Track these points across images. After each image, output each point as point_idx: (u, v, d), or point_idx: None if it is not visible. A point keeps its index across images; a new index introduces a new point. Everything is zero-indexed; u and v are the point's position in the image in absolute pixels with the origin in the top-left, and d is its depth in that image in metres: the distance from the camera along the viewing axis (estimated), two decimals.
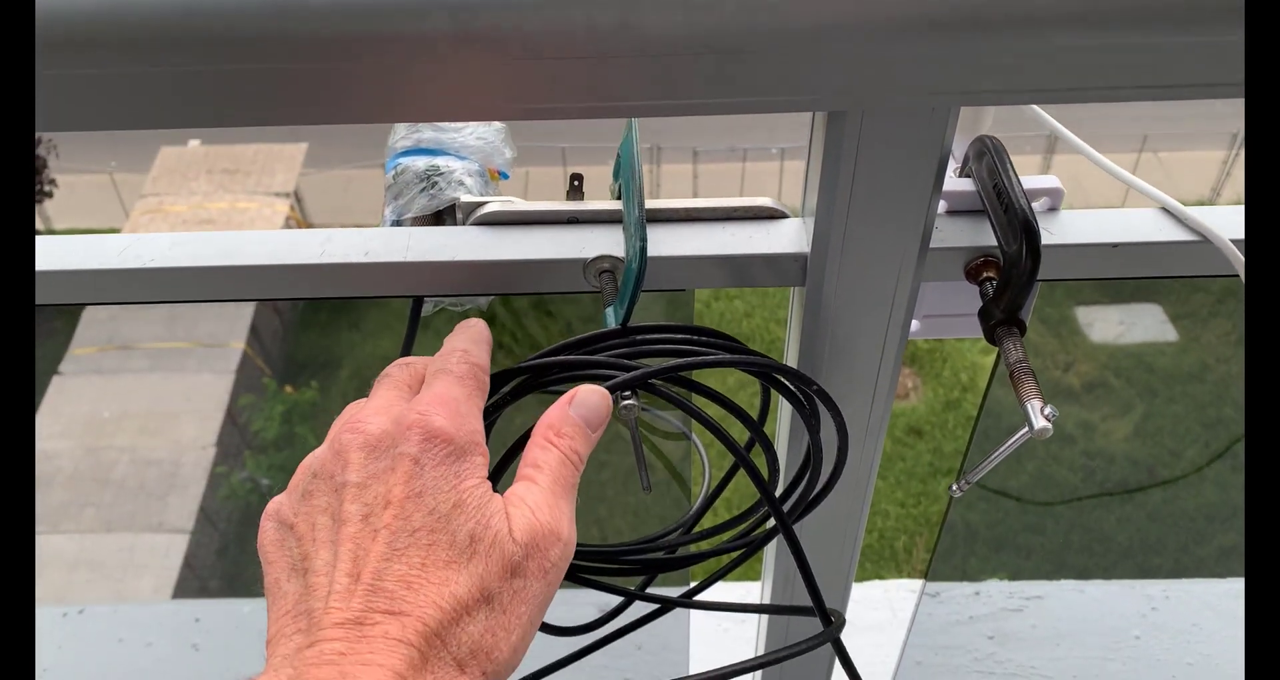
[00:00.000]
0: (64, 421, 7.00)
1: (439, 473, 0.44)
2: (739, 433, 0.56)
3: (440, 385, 0.47)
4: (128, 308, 7.60)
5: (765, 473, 0.56)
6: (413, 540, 0.42)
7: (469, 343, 0.51)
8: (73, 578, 6.01)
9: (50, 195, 8.75)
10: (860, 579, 0.88)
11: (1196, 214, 0.56)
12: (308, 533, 0.45)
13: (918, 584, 1.26)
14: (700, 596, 0.69)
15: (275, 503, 0.47)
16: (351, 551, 0.42)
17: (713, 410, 0.55)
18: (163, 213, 8.27)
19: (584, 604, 1.11)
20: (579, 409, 0.48)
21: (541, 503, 0.45)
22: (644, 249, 0.51)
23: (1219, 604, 1.19)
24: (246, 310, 7.62)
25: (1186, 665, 1.15)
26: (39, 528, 6.16)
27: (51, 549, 6.16)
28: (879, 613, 1.20)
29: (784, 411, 0.66)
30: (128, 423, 7.02)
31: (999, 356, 0.65)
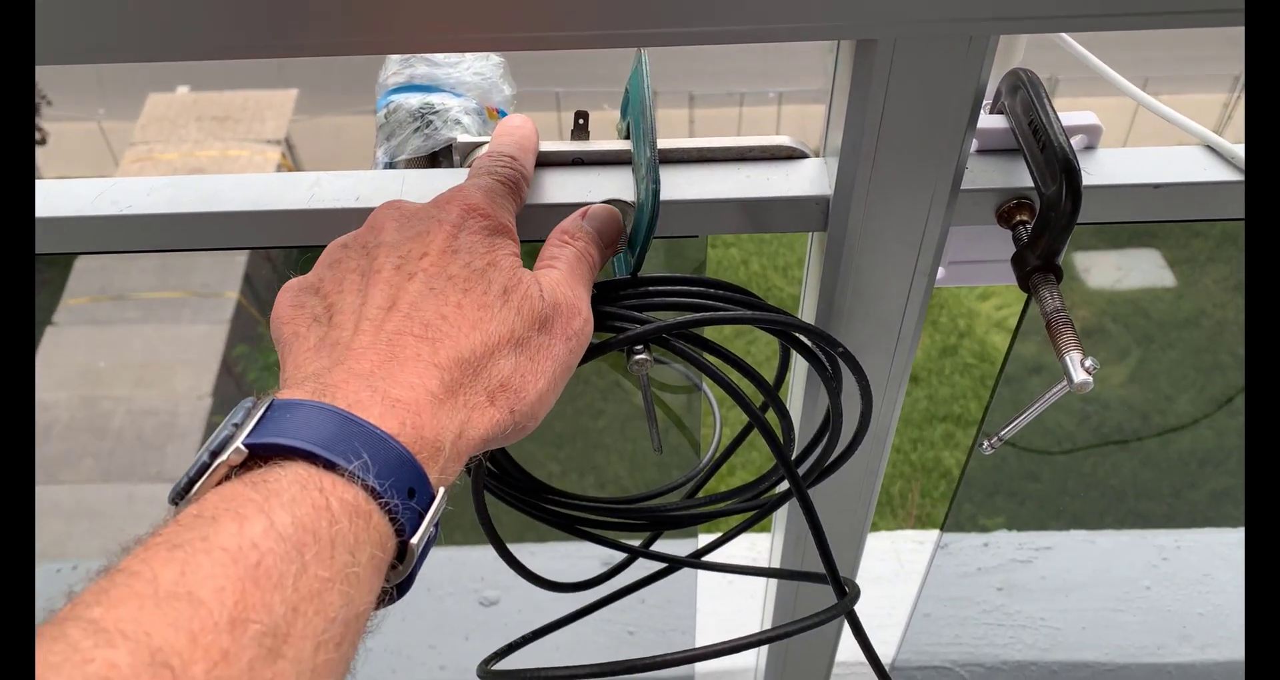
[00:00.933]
0: (59, 372, 6.97)
1: (475, 239, 0.44)
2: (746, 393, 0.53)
3: (481, 178, 0.48)
4: (119, 257, 7.53)
5: (780, 435, 0.53)
6: (450, 284, 0.42)
7: (516, 149, 0.51)
8: (72, 528, 6.02)
9: (43, 142, 8.63)
10: None
11: (1244, 152, 0.53)
12: (333, 288, 0.43)
13: (924, 534, 1.25)
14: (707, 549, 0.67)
15: (292, 280, 0.46)
16: (384, 290, 0.42)
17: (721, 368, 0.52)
18: (153, 161, 8.15)
19: (588, 557, 1.09)
20: (592, 221, 0.49)
21: (562, 282, 0.46)
22: (657, 192, 0.47)
23: (1231, 554, 1.17)
24: (239, 259, 7.56)
25: (1197, 615, 1.14)
26: (37, 477, 6.16)
27: (50, 499, 6.17)
28: (886, 564, 1.18)
29: (798, 369, 0.63)
30: (123, 373, 6.99)
31: (1026, 307, 0.61)
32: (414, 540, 0.37)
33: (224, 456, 0.35)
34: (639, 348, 0.48)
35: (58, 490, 6.26)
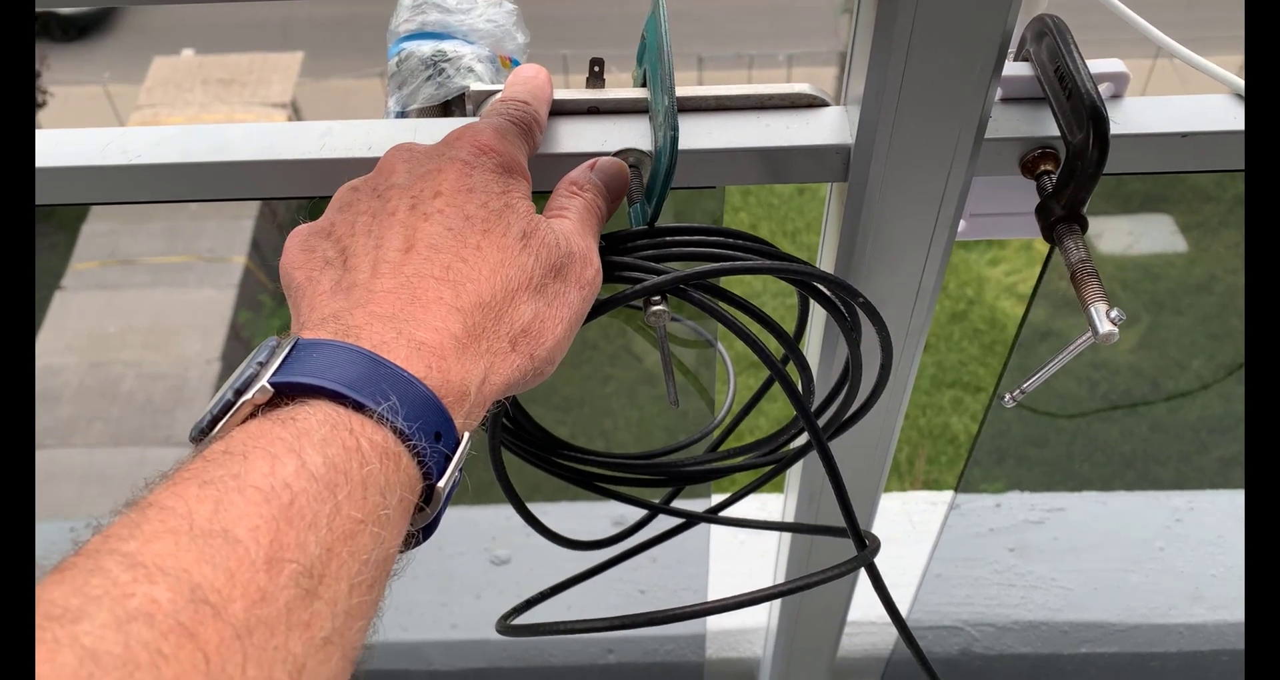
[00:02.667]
0: (68, 336, 6.99)
1: (489, 178, 0.43)
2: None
3: (495, 119, 0.47)
4: (127, 221, 7.52)
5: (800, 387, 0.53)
6: (467, 224, 0.41)
7: (529, 96, 0.50)
8: (83, 491, 6.07)
9: (44, 105, 8.58)
10: None
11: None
12: (345, 231, 0.43)
13: (936, 496, 1.24)
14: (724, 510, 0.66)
15: (300, 226, 0.45)
16: (401, 231, 0.41)
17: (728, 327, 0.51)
18: (159, 124, 8.11)
19: (600, 517, 1.09)
20: (601, 174, 0.49)
21: (574, 231, 0.45)
22: (675, 138, 0.46)
23: (1244, 515, 1.17)
24: (246, 223, 7.54)
25: (1210, 577, 1.14)
26: (48, 441, 6.20)
27: (61, 463, 6.21)
28: (898, 525, 1.18)
29: (816, 321, 0.62)
30: (132, 337, 7.00)
31: (1047, 260, 0.60)
32: (440, 484, 0.36)
33: (249, 395, 0.34)
34: (656, 299, 0.47)
35: (69, 454, 6.30)
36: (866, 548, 0.54)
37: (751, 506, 1.17)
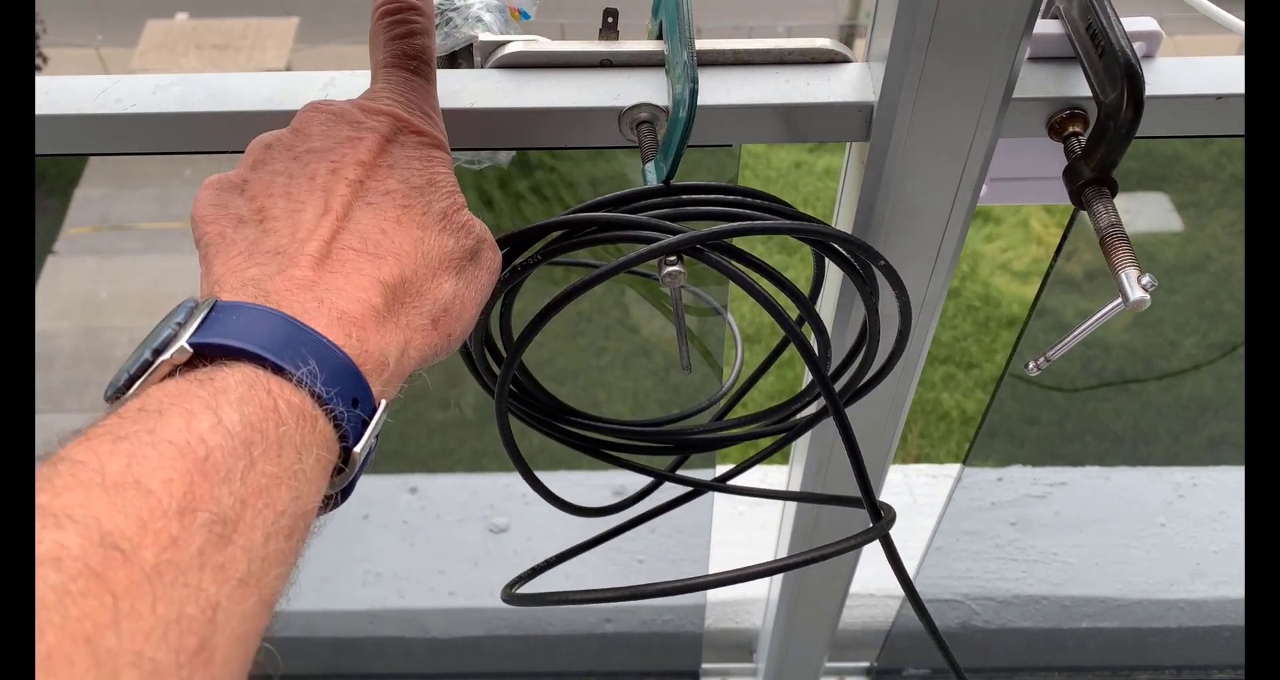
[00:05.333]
0: (61, 301, 6.96)
1: (411, 153, 0.43)
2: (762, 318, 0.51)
3: (394, 77, 0.45)
4: (120, 186, 7.47)
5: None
6: (387, 198, 0.41)
7: (418, 13, 0.46)
8: None
9: (40, 70, 8.50)
10: None
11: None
12: (261, 190, 0.41)
13: (938, 469, 1.24)
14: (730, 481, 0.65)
15: (212, 178, 0.44)
16: (321, 196, 0.40)
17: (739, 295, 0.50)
18: None
19: (599, 487, 1.08)
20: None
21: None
22: (695, 90, 0.44)
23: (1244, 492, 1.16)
24: None
25: (1211, 553, 1.13)
26: (41, 406, 6.18)
27: (55, 428, 6.15)
28: (900, 497, 1.17)
29: (830, 285, 0.60)
30: (125, 303, 6.97)
31: (1070, 225, 0.59)
32: (357, 449, 0.37)
33: (167, 354, 0.34)
34: (672, 259, 0.45)
35: (63, 419, 6.27)
36: (883, 518, 0.53)
37: (753, 478, 1.15)
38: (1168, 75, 0.50)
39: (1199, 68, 0.51)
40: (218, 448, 0.31)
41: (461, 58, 0.53)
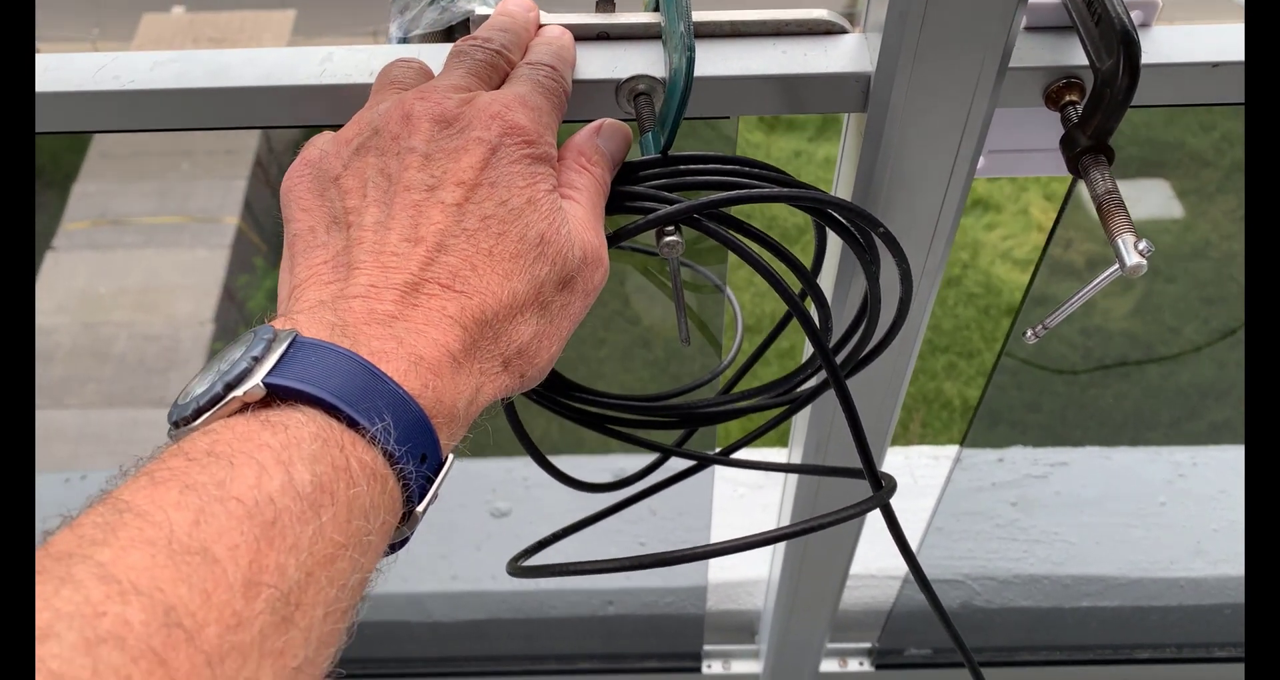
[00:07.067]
0: (60, 297, 6.95)
1: (515, 169, 0.40)
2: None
3: (525, 89, 0.43)
4: (118, 181, 7.46)
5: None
6: (483, 225, 0.39)
7: (557, 60, 0.47)
8: (77, 451, 6.06)
9: None
10: None
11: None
12: (356, 187, 0.40)
13: (939, 450, 1.24)
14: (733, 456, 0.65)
15: (316, 149, 0.42)
16: (412, 216, 0.39)
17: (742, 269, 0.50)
18: None
19: (600, 470, 1.08)
20: (608, 141, 0.46)
21: (586, 222, 0.43)
22: (692, 60, 0.44)
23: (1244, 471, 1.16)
24: (239, 184, 7.48)
25: (1212, 531, 1.13)
26: (41, 402, 6.18)
27: (55, 424, 6.20)
28: (900, 478, 1.16)
29: (831, 256, 0.60)
30: (124, 298, 6.97)
31: (1069, 194, 0.59)
32: (420, 508, 0.35)
33: (241, 391, 0.32)
34: (670, 229, 0.45)
35: (62, 415, 6.28)
36: (883, 488, 0.53)
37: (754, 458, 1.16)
38: (1164, 43, 0.50)
39: (1195, 36, 0.51)
40: (286, 510, 0.30)
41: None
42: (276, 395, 0.33)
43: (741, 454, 0.68)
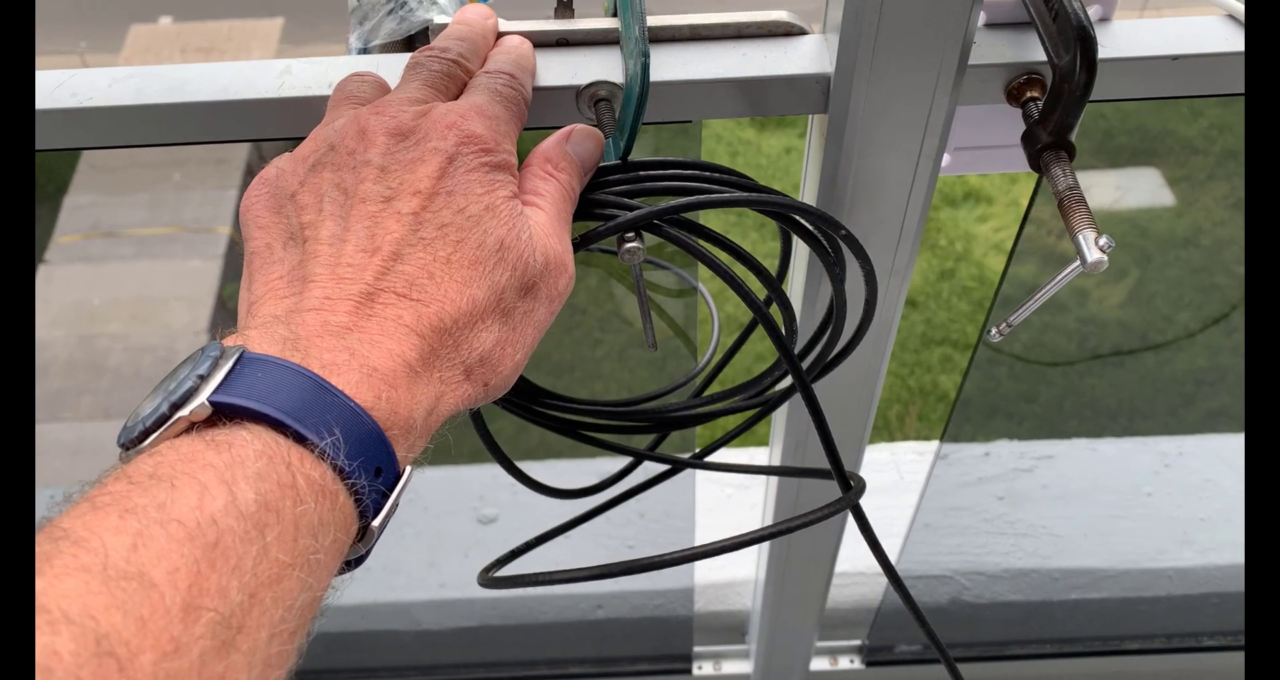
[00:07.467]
0: (54, 310, 6.93)
1: (473, 177, 0.40)
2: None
3: (482, 98, 0.43)
4: (109, 193, 7.44)
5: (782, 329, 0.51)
6: (440, 233, 0.39)
7: (515, 69, 0.46)
8: (75, 464, 6.04)
9: None
10: None
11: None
12: (312, 203, 0.40)
13: (925, 446, 1.24)
14: (710, 459, 0.65)
15: (274, 168, 0.42)
16: (368, 228, 0.38)
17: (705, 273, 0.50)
18: None
19: (583, 474, 1.07)
20: (577, 147, 0.45)
21: (549, 228, 0.42)
22: (647, 64, 0.44)
23: (1234, 460, 1.17)
24: (231, 194, 7.46)
25: (1199, 521, 1.14)
26: (38, 415, 6.17)
27: (51, 437, 6.18)
28: (886, 475, 1.17)
29: (799, 259, 0.60)
30: (119, 310, 6.95)
31: (1035, 192, 0.59)
32: (376, 523, 0.35)
33: (187, 410, 0.32)
34: (630, 235, 0.45)
35: (59, 428, 6.26)
36: (852, 489, 0.53)
37: (737, 459, 1.16)
38: (1123, 37, 0.50)
39: (1155, 29, 0.51)
40: (229, 531, 0.29)
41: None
42: (223, 413, 0.32)
43: (720, 455, 0.68)
